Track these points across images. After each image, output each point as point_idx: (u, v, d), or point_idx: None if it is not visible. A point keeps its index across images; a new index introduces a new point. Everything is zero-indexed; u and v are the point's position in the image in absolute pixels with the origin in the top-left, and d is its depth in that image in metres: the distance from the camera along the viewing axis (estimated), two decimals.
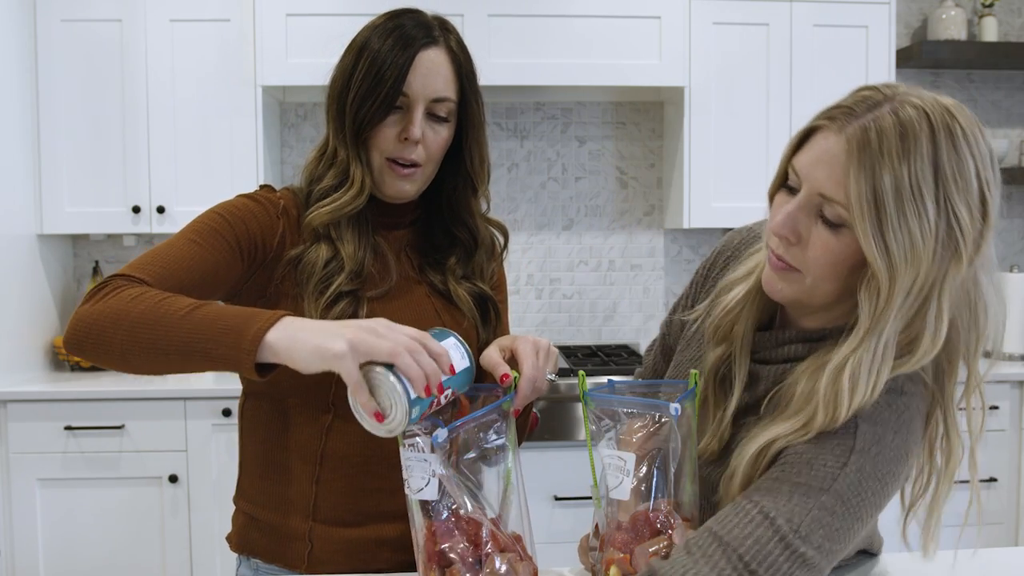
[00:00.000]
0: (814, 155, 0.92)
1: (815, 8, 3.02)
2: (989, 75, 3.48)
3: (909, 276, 0.88)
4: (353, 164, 1.21)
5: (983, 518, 1.05)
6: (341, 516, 1.22)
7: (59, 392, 2.67)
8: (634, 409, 1.03)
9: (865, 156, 0.87)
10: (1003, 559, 1.30)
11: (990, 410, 2.90)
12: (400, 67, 1.17)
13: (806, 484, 0.90)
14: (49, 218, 2.90)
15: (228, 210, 1.20)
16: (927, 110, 0.88)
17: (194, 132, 2.91)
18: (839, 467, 0.90)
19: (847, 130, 0.89)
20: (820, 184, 0.91)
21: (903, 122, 0.87)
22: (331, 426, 1.21)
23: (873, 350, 0.91)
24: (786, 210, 0.93)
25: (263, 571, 1.25)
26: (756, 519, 0.89)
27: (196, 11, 2.88)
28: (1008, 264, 3.50)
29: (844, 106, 0.91)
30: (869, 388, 0.91)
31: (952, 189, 0.87)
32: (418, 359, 0.94)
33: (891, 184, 0.85)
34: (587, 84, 2.95)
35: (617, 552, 1.00)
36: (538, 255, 3.39)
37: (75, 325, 1.03)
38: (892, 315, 0.89)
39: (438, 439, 0.95)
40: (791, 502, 0.89)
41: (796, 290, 0.97)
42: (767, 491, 0.92)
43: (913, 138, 0.86)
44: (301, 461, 1.22)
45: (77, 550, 2.69)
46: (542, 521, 2.70)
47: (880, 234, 0.87)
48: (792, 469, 0.92)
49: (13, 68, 2.77)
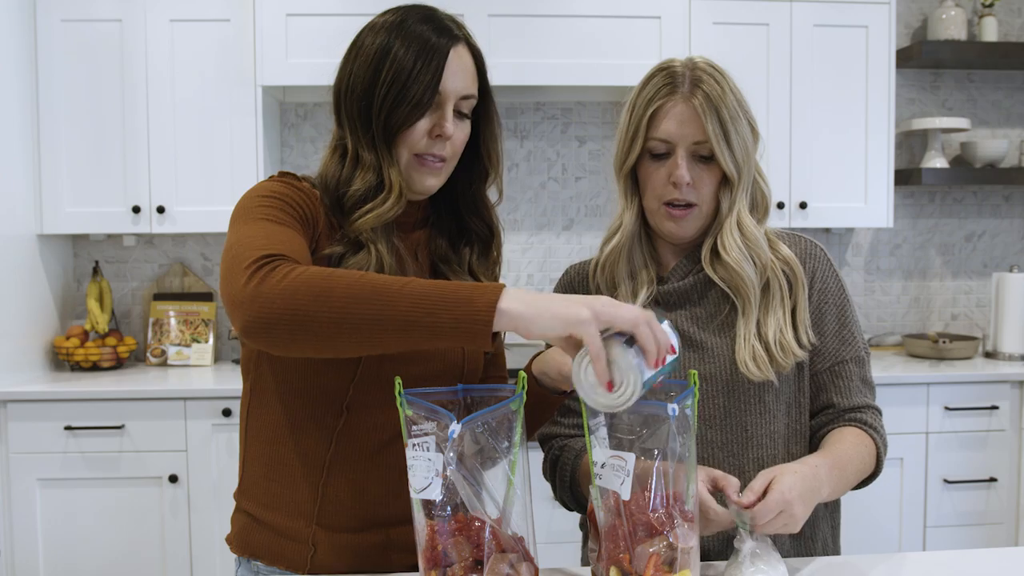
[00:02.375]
0: (676, 120, 1.28)
1: (815, 8, 3.02)
2: (989, 75, 3.48)
3: (747, 168, 1.31)
4: (386, 167, 1.20)
5: (983, 518, 1.07)
6: (346, 522, 1.21)
7: (59, 392, 2.67)
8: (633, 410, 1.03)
9: (709, 104, 1.27)
10: (1003, 559, 1.30)
11: (990, 410, 2.91)
12: (436, 68, 1.18)
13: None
14: (49, 218, 2.90)
15: (279, 193, 1.18)
16: (708, 62, 1.31)
17: (194, 132, 2.91)
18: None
19: (686, 95, 1.27)
20: (691, 135, 1.28)
21: (708, 72, 1.29)
22: (342, 431, 1.21)
23: (738, 220, 1.31)
24: (678, 164, 1.28)
25: (264, 573, 1.24)
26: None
27: (196, 11, 2.88)
28: (1008, 264, 3.51)
29: (665, 85, 1.29)
30: (762, 239, 1.32)
31: (744, 103, 1.32)
32: (655, 332, 0.95)
33: (727, 116, 1.27)
34: (587, 84, 2.95)
35: (617, 552, 1.00)
36: (538, 255, 3.39)
37: (263, 306, 0.96)
38: (740, 196, 1.31)
39: (454, 434, 0.95)
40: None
41: (696, 222, 1.32)
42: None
43: (719, 83, 1.28)
44: (307, 466, 1.21)
45: (77, 550, 2.69)
46: (543, 521, 2.70)
47: (731, 151, 1.28)
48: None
49: (13, 68, 2.77)
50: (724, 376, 1.30)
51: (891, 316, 3.53)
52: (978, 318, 3.55)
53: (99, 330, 3.09)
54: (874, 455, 1.33)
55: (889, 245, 3.51)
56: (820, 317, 1.35)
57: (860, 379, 1.36)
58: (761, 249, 1.31)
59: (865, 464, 1.31)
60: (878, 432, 1.34)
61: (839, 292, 1.37)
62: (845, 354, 1.35)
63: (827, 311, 1.35)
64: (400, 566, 1.22)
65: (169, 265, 3.28)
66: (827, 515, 1.40)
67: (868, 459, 1.32)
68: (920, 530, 2.90)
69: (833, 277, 1.38)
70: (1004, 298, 3.17)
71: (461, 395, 1.09)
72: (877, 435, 1.34)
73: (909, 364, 3.11)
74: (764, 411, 1.31)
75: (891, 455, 2.87)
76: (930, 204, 3.52)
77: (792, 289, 1.33)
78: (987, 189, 3.52)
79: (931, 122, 3.27)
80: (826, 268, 1.38)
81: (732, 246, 1.29)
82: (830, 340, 1.35)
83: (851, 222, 3.17)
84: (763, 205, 1.37)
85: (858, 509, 2.84)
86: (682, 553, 0.99)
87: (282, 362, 1.21)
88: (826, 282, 1.37)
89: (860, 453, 1.30)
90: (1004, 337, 3.16)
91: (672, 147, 1.29)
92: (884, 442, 1.35)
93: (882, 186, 3.10)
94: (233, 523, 1.30)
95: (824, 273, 1.37)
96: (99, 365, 3.00)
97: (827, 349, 1.35)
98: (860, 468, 1.30)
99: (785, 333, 1.29)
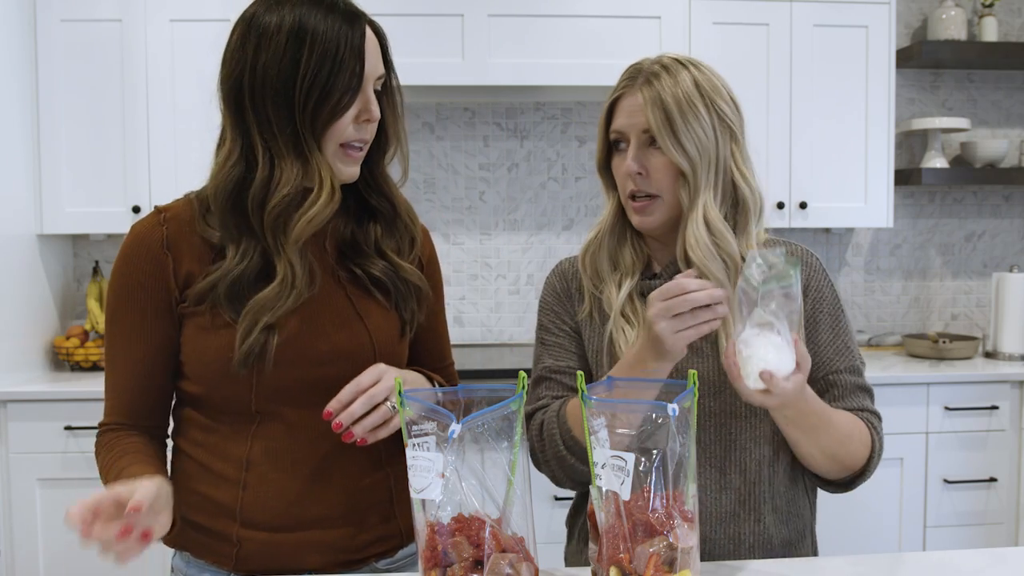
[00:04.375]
0: (626, 112, 1.29)
1: (815, 8, 3.02)
2: (989, 75, 3.48)
3: (705, 162, 1.26)
4: (315, 164, 1.14)
5: (983, 518, 1.07)
6: (267, 520, 1.22)
7: (59, 392, 2.67)
8: (633, 410, 1.03)
9: (652, 91, 1.26)
10: (1003, 559, 1.30)
11: (990, 410, 2.91)
12: (358, 50, 1.13)
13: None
14: (49, 218, 2.90)
15: (120, 294, 1.21)
16: (677, 57, 1.30)
17: (194, 132, 2.90)
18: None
19: (639, 87, 1.27)
20: (639, 125, 1.27)
21: (666, 66, 1.28)
22: (255, 433, 1.22)
23: (705, 216, 1.26)
24: (629, 154, 1.28)
25: (193, 565, 1.26)
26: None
27: (196, 11, 2.88)
28: (1008, 264, 3.51)
29: (625, 79, 1.30)
30: (731, 236, 1.27)
31: (712, 95, 1.27)
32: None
33: (672, 102, 1.24)
34: (587, 84, 2.94)
35: (617, 552, 1.00)
36: (538, 255, 3.39)
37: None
38: (703, 191, 1.26)
39: (454, 434, 0.95)
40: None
41: (660, 213, 1.30)
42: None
43: (675, 72, 1.27)
44: (227, 466, 1.23)
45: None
46: (542, 521, 2.70)
47: (677, 141, 1.24)
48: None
49: (13, 68, 2.77)
50: (711, 377, 1.30)
51: (891, 316, 3.53)
52: (978, 318, 3.55)
53: (99, 330, 3.09)
54: (867, 444, 1.29)
55: (889, 245, 3.51)
56: (814, 326, 1.33)
57: (856, 387, 1.34)
58: (731, 247, 1.27)
59: (853, 440, 1.27)
60: (875, 429, 1.32)
61: (833, 301, 1.35)
62: (839, 364, 1.33)
63: (821, 320, 1.33)
64: (320, 567, 1.23)
65: None
66: (808, 503, 1.40)
67: (858, 440, 1.28)
68: (920, 530, 2.90)
69: (828, 287, 1.36)
70: (1004, 298, 3.17)
71: (461, 395, 1.09)
72: (874, 430, 1.31)
73: (909, 364, 3.11)
74: (750, 414, 1.30)
75: (891, 455, 2.89)
76: (930, 204, 3.52)
77: None
78: (987, 189, 3.52)
79: (931, 122, 3.27)
80: (821, 277, 1.35)
81: (696, 243, 1.25)
82: (824, 350, 1.33)
83: (851, 222, 3.17)
84: (747, 208, 1.31)
85: (858, 509, 2.84)
86: (682, 553, 0.99)
87: (189, 378, 1.24)
88: (821, 291, 1.34)
89: (850, 428, 1.27)
90: (1004, 337, 3.17)
91: (627, 138, 1.29)
92: (880, 442, 1.31)
93: (882, 186, 3.10)
94: None
95: (819, 282, 1.35)
96: (99, 365, 3.00)
97: (821, 359, 1.32)
98: (846, 435, 1.26)
99: None
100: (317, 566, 1.23)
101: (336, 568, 1.24)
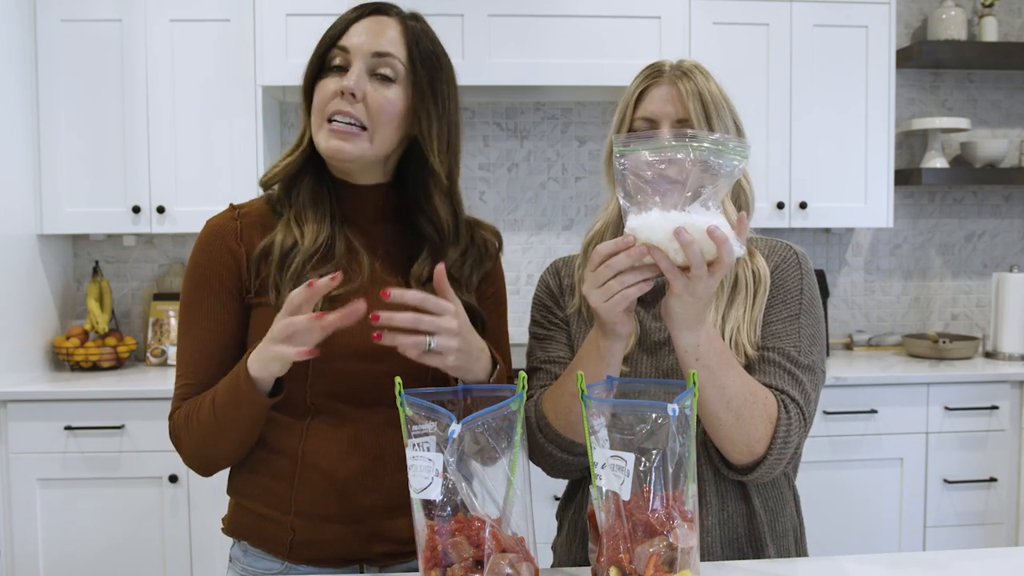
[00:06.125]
0: (659, 100, 1.33)
1: (815, 8, 3.03)
2: (989, 75, 3.48)
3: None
4: (304, 124, 1.29)
5: (983, 518, 1.07)
6: (321, 511, 1.25)
7: (59, 392, 2.67)
8: (632, 410, 1.03)
9: (691, 84, 1.32)
10: (1003, 559, 1.30)
11: (990, 410, 2.91)
12: (345, 22, 1.24)
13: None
14: (49, 218, 2.90)
15: (199, 274, 1.27)
16: (697, 64, 1.37)
17: (194, 132, 2.91)
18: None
19: (672, 79, 1.33)
20: (673, 114, 1.32)
21: (697, 66, 1.36)
22: (310, 426, 1.25)
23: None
24: (662, 133, 1.31)
25: (251, 553, 1.30)
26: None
27: (196, 11, 2.88)
28: (1008, 264, 3.51)
29: (649, 74, 1.35)
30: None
31: (729, 102, 1.36)
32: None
33: (710, 101, 1.32)
34: (587, 84, 2.95)
35: (617, 552, 1.00)
36: (538, 255, 3.39)
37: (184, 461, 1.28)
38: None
39: (454, 434, 0.96)
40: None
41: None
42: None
43: (704, 75, 1.35)
44: (282, 458, 1.26)
45: (77, 550, 2.69)
46: (543, 521, 2.70)
47: (712, 131, 1.28)
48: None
49: (13, 68, 2.77)
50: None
51: (891, 316, 3.53)
52: (978, 318, 3.55)
53: (99, 330, 3.09)
54: (772, 420, 1.21)
55: (889, 245, 3.51)
56: (770, 307, 1.31)
57: (784, 370, 1.27)
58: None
59: (758, 402, 1.19)
60: (786, 411, 1.23)
61: (799, 294, 1.31)
62: (777, 343, 1.28)
63: (778, 304, 1.31)
64: (376, 556, 1.27)
65: (169, 265, 3.28)
66: (793, 502, 1.39)
67: (763, 405, 1.20)
68: (920, 530, 2.90)
69: (798, 279, 1.32)
70: (1004, 298, 3.17)
71: (461, 395, 1.09)
72: (783, 410, 1.23)
73: (909, 364, 3.11)
74: None
75: (891, 455, 2.90)
76: (930, 204, 3.52)
77: (756, 293, 1.31)
78: (987, 189, 3.52)
79: (931, 122, 3.27)
80: (792, 269, 1.33)
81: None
82: (769, 328, 1.29)
83: (851, 222, 3.17)
84: (747, 203, 1.35)
85: (858, 509, 2.85)
86: (682, 553, 0.99)
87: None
88: (786, 280, 1.32)
89: (756, 388, 1.21)
90: (1004, 337, 3.17)
91: (656, 126, 1.32)
92: (787, 430, 1.22)
93: (882, 186, 3.10)
94: (228, 507, 1.37)
95: (788, 272, 1.32)
96: (99, 365, 3.00)
97: (762, 334, 1.29)
98: (750, 392, 1.19)
99: (740, 332, 1.28)
100: (372, 556, 1.26)
101: (395, 558, 1.27)
